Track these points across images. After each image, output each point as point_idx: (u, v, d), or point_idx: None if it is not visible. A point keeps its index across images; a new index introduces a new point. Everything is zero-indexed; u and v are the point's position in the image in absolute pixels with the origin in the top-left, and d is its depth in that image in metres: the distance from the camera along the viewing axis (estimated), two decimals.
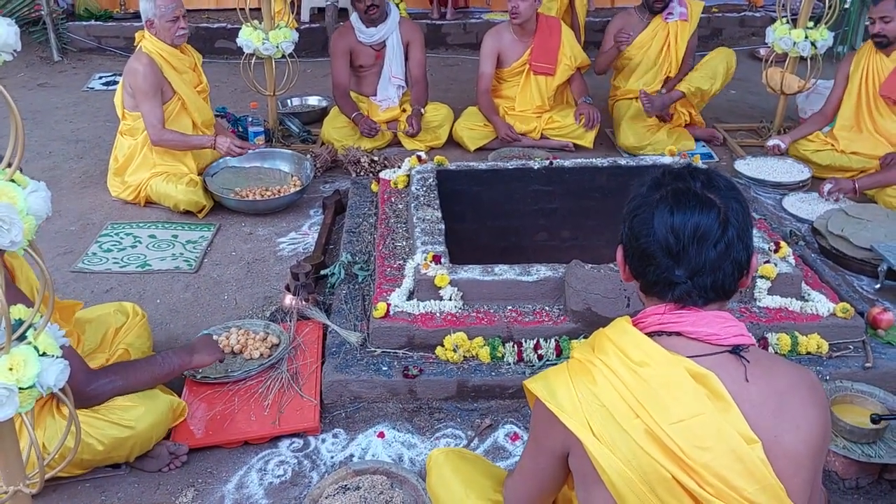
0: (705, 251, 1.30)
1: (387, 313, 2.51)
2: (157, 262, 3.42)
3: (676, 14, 4.65)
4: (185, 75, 3.88)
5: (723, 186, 1.34)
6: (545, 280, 2.59)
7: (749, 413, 1.26)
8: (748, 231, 1.34)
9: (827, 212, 3.56)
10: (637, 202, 1.37)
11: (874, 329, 2.57)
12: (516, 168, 3.64)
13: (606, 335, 1.38)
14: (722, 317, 1.34)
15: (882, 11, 3.97)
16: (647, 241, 1.33)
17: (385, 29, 4.64)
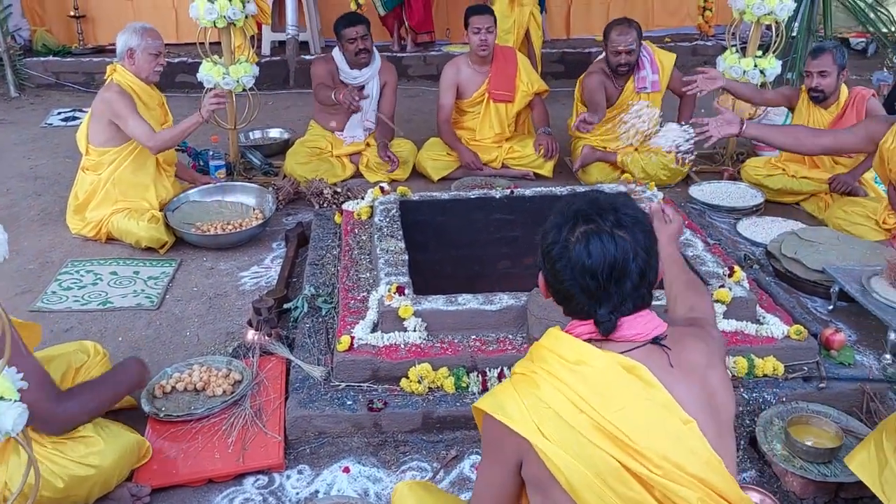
0: (623, 287, 1.41)
1: (351, 346, 2.51)
2: (118, 299, 3.39)
3: (649, 84, 4.58)
4: (153, 111, 3.89)
5: (629, 223, 1.42)
6: (508, 308, 2.62)
7: (679, 395, 1.37)
8: (654, 251, 1.45)
9: (780, 235, 3.66)
10: (551, 241, 1.45)
11: (827, 350, 2.64)
12: (478, 197, 3.69)
13: (542, 345, 1.47)
14: (643, 316, 1.45)
15: (821, 66, 4.03)
16: (569, 284, 1.43)
17: (369, 73, 4.67)
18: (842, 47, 4.15)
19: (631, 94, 4.63)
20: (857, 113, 4.09)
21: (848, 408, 2.45)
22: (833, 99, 4.15)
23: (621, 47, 4.43)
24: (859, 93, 4.14)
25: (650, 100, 4.62)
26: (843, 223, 3.81)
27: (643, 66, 4.61)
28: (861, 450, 2.00)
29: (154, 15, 7.30)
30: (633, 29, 4.46)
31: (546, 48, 7.02)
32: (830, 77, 4.04)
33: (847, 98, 4.15)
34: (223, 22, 4.20)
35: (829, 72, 4.04)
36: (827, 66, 4.03)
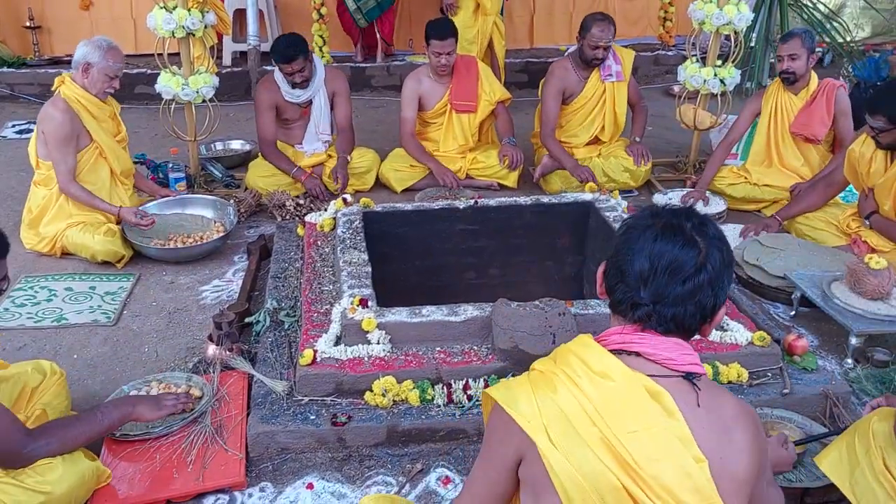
0: (673, 284, 1.37)
1: (314, 360, 2.47)
2: (73, 315, 3.30)
3: (614, 74, 4.63)
4: (104, 123, 3.80)
5: (711, 234, 1.41)
6: (472, 319, 2.59)
7: (698, 434, 1.33)
8: (722, 282, 1.40)
9: (743, 242, 3.69)
10: (630, 224, 1.46)
11: (790, 355, 2.65)
12: (442, 208, 3.66)
13: (570, 349, 1.44)
14: (680, 345, 1.42)
15: (790, 49, 4.17)
16: (625, 259, 1.41)
17: (311, 90, 4.60)
18: (811, 32, 4.26)
19: (596, 83, 4.66)
20: (827, 101, 4.21)
21: (812, 413, 2.46)
22: (803, 83, 4.26)
23: (601, 42, 4.48)
24: (829, 82, 4.25)
25: (616, 90, 4.65)
26: (805, 229, 3.86)
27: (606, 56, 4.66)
28: (832, 450, 2.00)
29: (112, 26, 7.21)
30: (612, 25, 4.56)
31: (509, 57, 7.06)
32: (800, 60, 4.17)
33: (817, 87, 4.24)
34: (182, 32, 4.13)
35: (799, 55, 4.16)
36: (796, 49, 4.15)
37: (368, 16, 6.73)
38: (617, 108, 4.67)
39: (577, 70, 4.68)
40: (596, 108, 4.70)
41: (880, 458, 1.83)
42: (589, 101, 4.69)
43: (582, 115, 4.73)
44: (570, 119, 4.76)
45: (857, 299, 2.97)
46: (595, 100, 4.69)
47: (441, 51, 4.56)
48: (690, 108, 4.79)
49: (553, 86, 4.67)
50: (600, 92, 4.68)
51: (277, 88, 4.58)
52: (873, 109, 3.31)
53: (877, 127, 3.32)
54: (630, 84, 4.70)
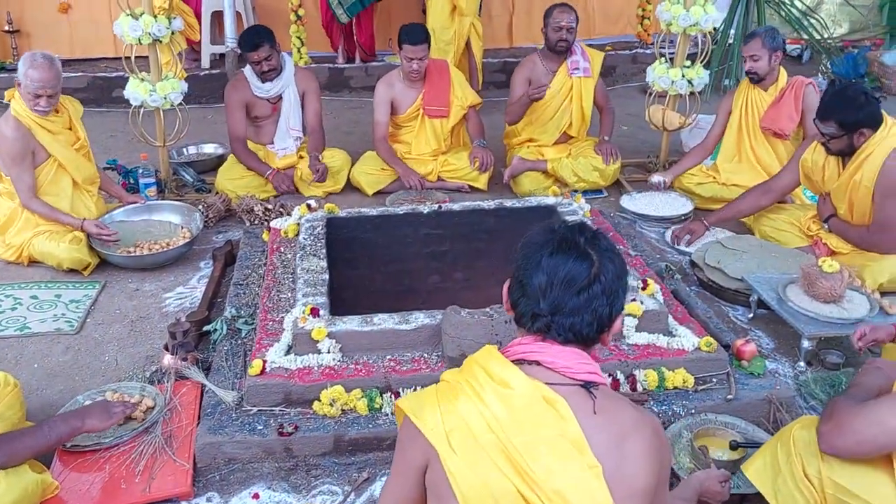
0: (569, 295, 1.44)
1: (263, 370, 2.49)
2: (37, 324, 3.32)
3: (581, 69, 4.68)
4: (59, 136, 3.74)
5: (603, 247, 1.49)
6: (423, 327, 2.61)
7: (593, 441, 1.38)
8: (616, 292, 1.47)
9: (705, 244, 3.71)
10: (528, 240, 1.52)
11: (739, 360, 2.68)
12: (406, 213, 3.69)
13: (475, 359, 1.51)
14: (579, 354, 1.48)
15: (751, 50, 4.21)
16: (525, 274, 1.48)
17: (281, 83, 4.64)
18: (775, 31, 4.27)
19: (564, 77, 4.70)
20: (795, 98, 4.24)
21: (755, 418, 2.48)
22: (771, 80, 4.29)
23: (563, 23, 4.54)
24: (798, 80, 4.29)
25: (582, 85, 4.70)
26: (769, 230, 3.88)
27: (575, 52, 4.71)
28: (758, 458, 2.03)
29: (91, 29, 7.22)
30: (573, 10, 4.62)
31: (488, 57, 7.07)
32: (762, 59, 4.19)
33: (786, 84, 4.28)
34: (148, 39, 4.14)
35: (760, 55, 4.19)
36: (756, 49, 4.19)
37: (350, 10, 6.67)
38: (584, 104, 4.72)
39: (545, 62, 4.75)
40: (564, 103, 4.74)
41: (800, 466, 1.86)
42: (556, 95, 4.72)
43: (550, 111, 4.76)
44: (540, 115, 4.79)
45: (809, 302, 2.99)
46: (563, 95, 4.73)
47: (413, 56, 4.58)
48: (659, 108, 4.80)
49: (520, 75, 4.79)
50: (568, 87, 4.72)
51: (247, 85, 4.62)
52: (824, 116, 3.33)
53: (828, 133, 3.34)
54: (598, 85, 4.72)
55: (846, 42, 7.58)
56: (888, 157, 3.26)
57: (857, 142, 3.33)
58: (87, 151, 3.92)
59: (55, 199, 3.74)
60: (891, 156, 3.26)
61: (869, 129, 3.31)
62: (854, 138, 3.32)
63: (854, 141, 3.33)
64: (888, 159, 3.26)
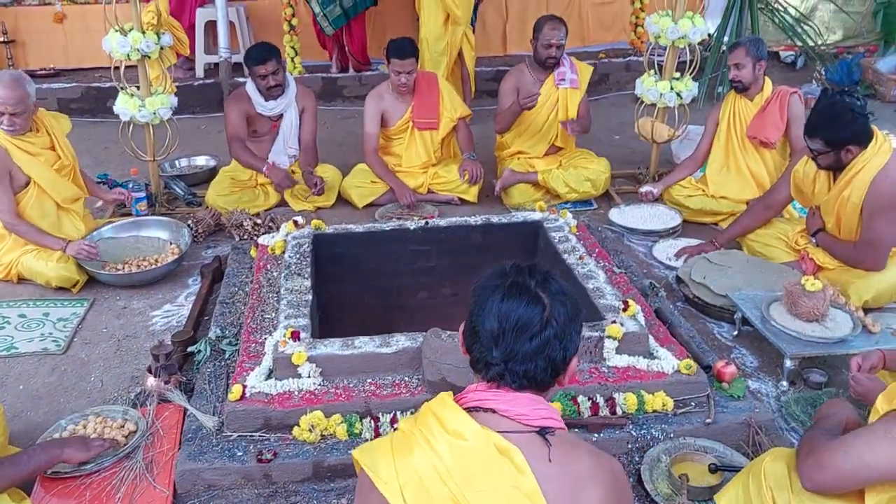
0: (522, 341, 1.43)
1: (242, 395, 2.49)
2: (24, 344, 3.33)
3: (568, 81, 4.70)
4: (39, 157, 3.73)
5: (554, 290, 1.47)
6: (404, 351, 2.62)
7: (548, 491, 1.36)
8: (569, 335, 1.47)
9: (691, 260, 3.71)
10: (480, 285, 1.51)
11: (719, 382, 2.68)
12: (393, 229, 3.70)
13: (430, 408, 1.49)
14: (535, 400, 1.47)
15: (735, 58, 4.23)
16: (478, 320, 1.47)
17: (284, 102, 4.65)
18: (759, 41, 4.30)
19: (550, 88, 4.72)
20: (780, 108, 4.25)
21: (735, 442, 2.48)
22: (756, 90, 4.30)
23: (553, 41, 4.57)
24: (783, 89, 4.30)
25: (568, 97, 4.72)
26: (757, 245, 3.89)
27: (563, 63, 4.73)
28: (730, 489, 2.04)
29: (86, 39, 7.21)
30: (563, 25, 4.64)
31: (481, 66, 7.07)
32: (746, 68, 4.21)
33: (772, 93, 4.29)
34: (137, 55, 4.15)
35: (744, 63, 4.21)
36: (740, 58, 4.21)
37: (335, 23, 6.69)
38: (570, 116, 4.73)
39: (532, 73, 4.77)
40: (551, 114, 4.75)
41: (771, 499, 1.86)
42: (544, 105, 4.73)
43: (538, 122, 4.78)
44: (528, 126, 4.80)
45: (792, 321, 3.00)
46: (550, 105, 4.74)
47: (401, 69, 4.59)
48: (648, 120, 4.81)
49: (508, 83, 4.81)
50: (554, 98, 4.73)
51: (249, 101, 4.62)
52: (811, 133, 3.33)
53: (815, 149, 3.34)
54: (582, 101, 4.73)
55: (840, 49, 7.57)
56: (877, 175, 3.25)
57: (845, 158, 3.32)
58: (70, 171, 3.88)
59: (39, 220, 3.74)
60: (880, 174, 3.25)
61: (856, 147, 3.30)
62: (841, 155, 3.32)
63: (842, 157, 3.33)
64: (877, 177, 3.25)
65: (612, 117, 6.46)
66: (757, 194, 4.30)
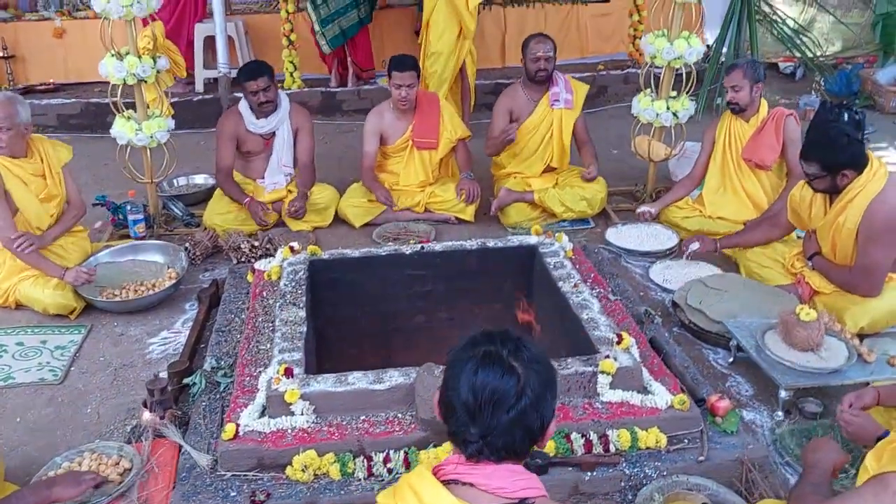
0: (499, 415, 1.43)
1: (236, 434, 2.50)
2: (21, 374, 3.34)
3: (562, 101, 4.71)
4: (30, 185, 3.75)
5: (526, 358, 1.47)
6: (397, 387, 2.62)
7: None
8: (545, 400, 1.47)
9: (687, 283, 3.71)
10: (453, 355, 1.51)
11: (713, 416, 2.68)
12: (388, 255, 3.70)
13: (408, 481, 1.49)
14: (513, 471, 1.47)
15: (732, 81, 4.22)
16: (452, 394, 1.47)
17: (276, 120, 4.67)
18: (756, 63, 4.30)
19: (545, 109, 4.72)
20: (776, 130, 4.25)
21: (728, 479, 2.48)
22: (752, 111, 4.30)
23: (539, 53, 4.60)
24: (779, 111, 4.29)
25: (563, 117, 4.72)
26: (754, 266, 3.89)
27: (557, 82, 4.73)
28: None
29: (85, 54, 7.23)
30: (549, 39, 4.67)
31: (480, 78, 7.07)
32: (743, 91, 4.21)
33: (767, 115, 4.28)
34: (133, 79, 4.16)
35: (741, 86, 4.21)
36: (737, 80, 4.21)
37: (332, 43, 6.75)
38: (564, 136, 4.75)
39: (526, 91, 4.78)
40: (546, 135, 4.75)
41: None
42: (539, 127, 4.75)
43: (533, 144, 4.79)
44: (523, 148, 4.80)
45: (787, 350, 3.00)
46: (545, 127, 4.76)
47: (401, 82, 4.60)
48: (645, 139, 4.81)
49: (502, 105, 4.84)
50: (549, 119, 4.74)
51: (241, 119, 4.64)
52: (807, 156, 3.33)
53: (811, 173, 3.34)
54: (578, 120, 4.73)
55: (839, 59, 7.56)
56: (872, 201, 3.25)
57: (841, 182, 3.32)
58: (58, 202, 3.88)
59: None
60: (875, 200, 3.25)
61: (852, 171, 3.29)
62: (837, 179, 3.32)
63: (837, 182, 3.32)
64: (872, 203, 3.25)
65: (611, 130, 6.46)
66: (754, 215, 4.31)
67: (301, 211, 4.59)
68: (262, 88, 4.50)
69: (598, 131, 6.19)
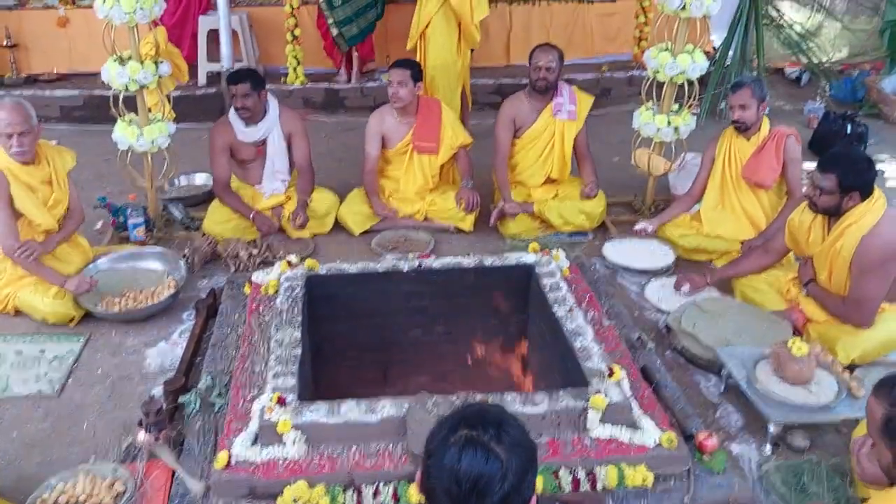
0: (482, 502, 1.44)
1: (228, 464, 2.53)
2: (18, 385, 3.37)
3: (565, 112, 4.69)
4: (37, 192, 3.75)
5: (508, 442, 1.48)
6: (389, 419, 2.64)
7: None
8: (525, 482, 1.48)
9: (681, 306, 3.73)
10: (433, 437, 1.52)
11: (701, 453, 2.70)
12: (386, 271, 3.70)
13: None
14: None
15: (741, 99, 4.19)
16: (435, 482, 1.48)
17: (264, 128, 4.66)
18: (761, 81, 4.29)
19: (548, 119, 4.72)
20: (777, 149, 4.22)
21: None
22: (754, 129, 4.29)
23: (541, 63, 4.59)
24: (780, 132, 4.26)
25: (565, 129, 4.69)
26: (749, 290, 3.90)
27: (561, 93, 4.72)
28: None
29: (89, 43, 7.20)
30: (554, 49, 4.65)
31: (483, 77, 7.06)
32: (750, 110, 4.19)
33: (768, 135, 4.26)
34: (135, 85, 4.16)
35: (748, 105, 4.18)
36: (745, 99, 4.18)
37: (350, 42, 6.78)
38: (565, 148, 4.74)
39: (530, 101, 4.77)
40: (547, 146, 4.75)
41: None
42: (541, 136, 4.75)
43: (534, 154, 4.79)
44: (524, 156, 4.81)
45: (778, 383, 3.02)
46: (547, 137, 4.75)
47: (393, 78, 4.60)
48: (645, 152, 4.80)
49: (505, 114, 4.82)
50: (551, 130, 4.73)
51: (231, 129, 4.63)
52: (826, 168, 3.31)
53: (822, 187, 3.32)
54: (580, 133, 4.72)
55: (845, 65, 7.52)
56: (866, 234, 3.25)
57: (846, 205, 3.32)
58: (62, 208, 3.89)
59: None
60: (869, 233, 3.25)
61: (858, 197, 3.29)
62: (844, 200, 3.31)
63: (842, 203, 3.32)
64: (866, 236, 3.26)
65: (613, 134, 6.42)
66: (752, 234, 4.31)
67: (305, 222, 4.60)
68: (242, 94, 4.46)
69: (601, 136, 6.19)
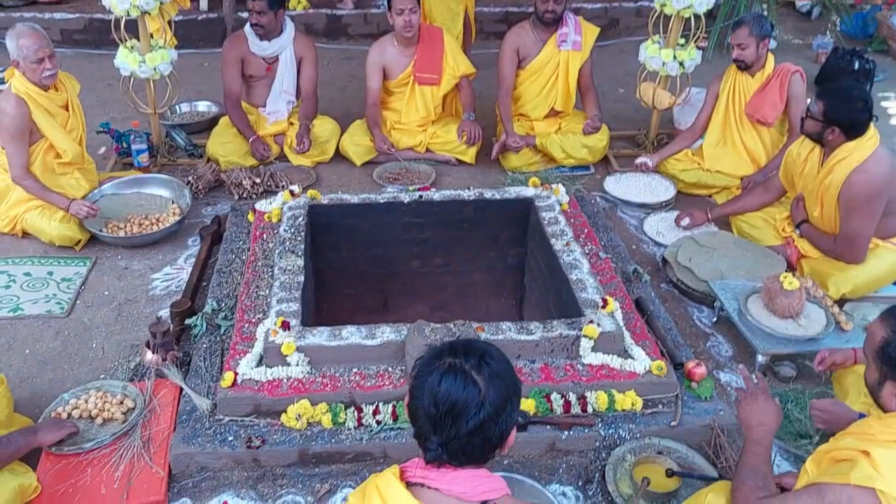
0: (458, 425, 1.53)
1: (234, 382, 2.63)
2: (29, 305, 3.46)
3: (570, 43, 4.64)
4: (57, 117, 3.80)
5: (488, 373, 1.55)
6: (388, 343, 2.73)
7: None
8: (505, 412, 1.55)
9: (678, 240, 3.79)
10: (419, 366, 1.61)
11: (689, 381, 2.80)
12: (387, 202, 3.75)
13: (375, 484, 1.61)
14: (475, 475, 1.58)
15: (739, 38, 4.19)
16: (416, 402, 1.57)
17: (279, 44, 4.67)
18: (762, 18, 4.27)
19: (552, 50, 4.68)
20: (781, 86, 4.24)
21: (698, 443, 2.62)
22: (758, 67, 4.28)
23: None
24: (784, 67, 4.26)
25: (570, 59, 4.67)
26: (745, 227, 3.95)
27: (566, 23, 4.67)
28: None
29: None
30: None
31: (489, 5, 6.96)
32: (750, 48, 4.19)
33: (773, 71, 4.26)
34: (137, 11, 4.14)
35: (747, 44, 4.19)
36: (743, 38, 4.19)
37: None
38: (570, 79, 4.71)
39: (535, 31, 4.72)
40: (552, 78, 4.72)
41: None
42: (545, 67, 4.72)
43: (538, 85, 4.76)
44: (528, 88, 4.79)
45: (768, 316, 3.10)
46: (551, 68, 4.72)
47: (404, 7, 4.51)
48: (650, 86, 4.78)
49: (508, 45, 4.76)
50: (556, 61, 4.69)
51: (245, 41, 4.65)
52: (821, 94, 3.38)
53: (810, 110, 3.39)
54: (585, 64, 4.69)
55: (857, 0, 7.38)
56: (853, 170, 3.28)
57: (827, 136, 3.35)
58: (78, 134, 3.94)
59: (46, 176, 3.83)
60: (856, 168, 3.28)
61: (840, 133, 3.32)
62: (826, 131, 3.34)
63: (824, 133, 3.35)
64: (853, 172, 3.28)
65: (619, 66, 6.38)
66: (752, 170, 4.34)
67: (309, 146, 4.63)
68: (257, 11, 4.50)
69: (607, 67, 6.15)
